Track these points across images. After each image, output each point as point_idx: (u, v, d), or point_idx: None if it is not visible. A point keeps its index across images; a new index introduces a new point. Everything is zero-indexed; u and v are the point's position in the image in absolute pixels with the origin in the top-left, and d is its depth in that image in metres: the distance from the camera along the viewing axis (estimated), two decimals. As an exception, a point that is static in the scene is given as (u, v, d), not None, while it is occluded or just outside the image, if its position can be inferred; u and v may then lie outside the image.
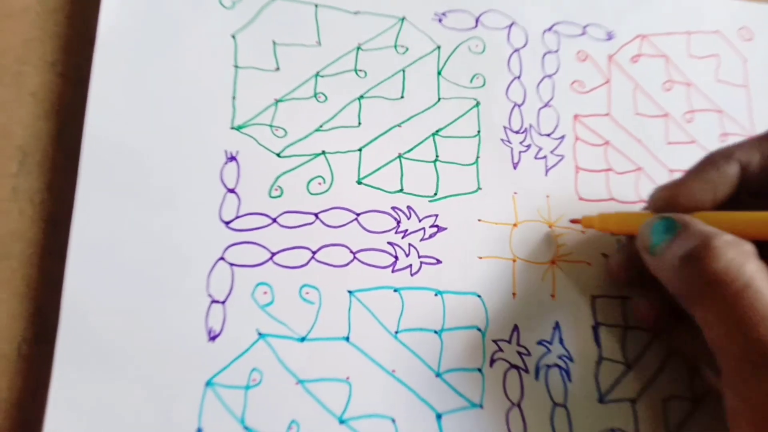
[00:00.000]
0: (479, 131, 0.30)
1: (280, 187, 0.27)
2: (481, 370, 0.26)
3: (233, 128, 0.27)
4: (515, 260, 0.28)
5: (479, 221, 0.28)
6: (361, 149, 0.28)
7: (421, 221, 0.28)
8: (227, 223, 0.26)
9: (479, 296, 0.27)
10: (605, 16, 0.33)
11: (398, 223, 0.28)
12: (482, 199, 0.29)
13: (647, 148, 0.32)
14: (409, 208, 0.28)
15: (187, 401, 0.24)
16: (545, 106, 0.31)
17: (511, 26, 0.32)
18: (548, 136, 0.31)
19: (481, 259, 0.28)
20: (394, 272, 0.27)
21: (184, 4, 0.28)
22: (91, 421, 0.23)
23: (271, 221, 0.26)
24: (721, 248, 0.21)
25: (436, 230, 0.28)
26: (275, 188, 0.27)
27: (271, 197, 0.27)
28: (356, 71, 0.29)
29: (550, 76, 0.31)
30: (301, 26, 0.29)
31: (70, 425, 0.23)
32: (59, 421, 0.23)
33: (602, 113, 0.32)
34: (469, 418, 0.26)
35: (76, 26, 0.28)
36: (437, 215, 0.28)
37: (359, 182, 0.28)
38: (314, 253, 0.26)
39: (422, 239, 0.28)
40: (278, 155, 0.27)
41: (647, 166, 0.31)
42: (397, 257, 0.27)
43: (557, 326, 0.28)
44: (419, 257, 0.27)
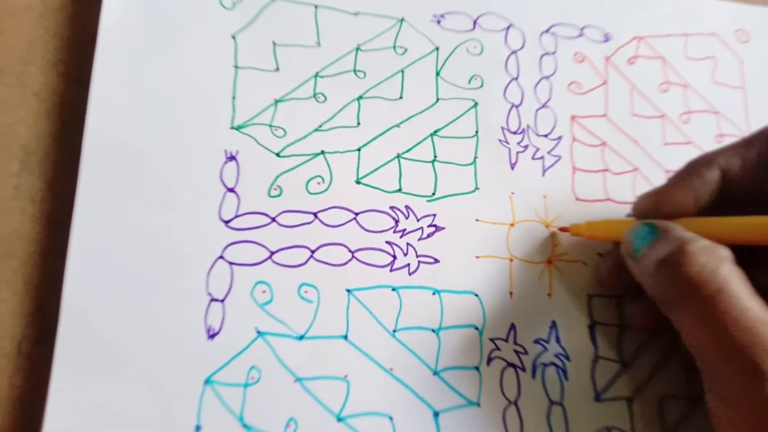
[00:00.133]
0: (477, 132, 0.30)
1: (279, 186, 0.27)
2: (478, 368, 0.27)
3: (233, 128, 0.27)
4: (512, 260, 0.29)
5: (477, 221, 0.29)
6: (360, 149, 0.28)
7: (419, 221, 0.28)
8: (227, 222, 0.26)
9: (476, 295, 0.28)
10: (602, 18, 0.33)
11: (396, 222, 0.28)
12: (480, 199, 0.29)
13: (644, 149, 0.32)
14: (407, 207, 0.28)
15: (186, 399, 0.24)
16: (543, 107, 0.31)
17: (508, 28, 0.32)
18: (545, 136, 0.31)
19: (478, 258, 0.28)
20: (392, 271, 0.27)
21: (184, 4, 0.28)
22: (90, 418, 0.23)
23: (270, 220, 0.27)
24: (695, 253, 0.21)
25: (434, 230, 0.28)
26: (274, 188, 0.27)
27: (270, 197, 0.27)
28: (355, 72, 0.29)
29: (547, 77, 0.32)
30: (300, 27, 0.29)
31: (69, 423, 0.23)
32: (59, 418, 0.23)
33: (599, 114, 0.32)
34: (466, 416, 0.26)
35: (77, 26, 0.28)
36: (435, 215, 0.28)
37: (358, 182, 0.28)
38: (313, 252, 0.27)
39: (420, 239, 0.28)
40: (278, 155, 0.27)
41: (644, 166, 0.31)
42: (395, 256, 0.27)
43: (554, 325, 0.28)
44: (417, 257, 0.28)
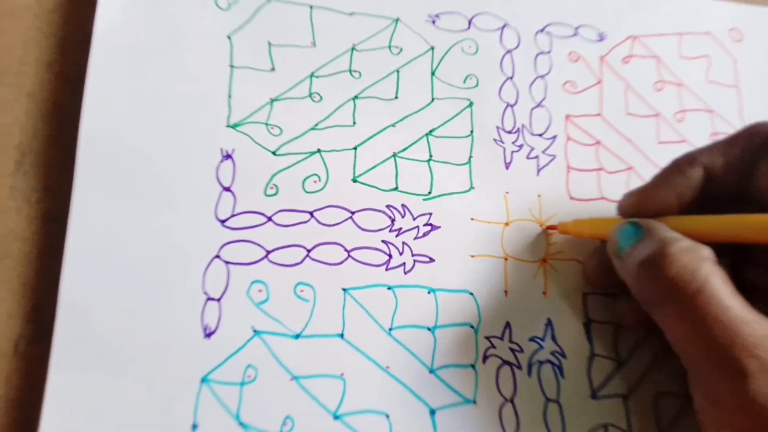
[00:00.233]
0: (472, 131, 0.30)
1: (275, 185, 0.27)
2: (474, 366, 0.27)
3: (229, 126, 0.27)
4: (507, 258, 0.29)
5: (472, 220, 0.29)
6: (356, 148, 0.28)
7: (415, 219, 0.28)
8: (223, 221, 0.26)
9: (472, 294, 0.28)
10: (597, 17, 0.33)
11: (393, 221, 0.28)
12: (475, 198, 0.29)
13: (638, 147, 0.32)
14: (403, 206, 0.28)
15: (182, 397, 0.24)
16: (537, 106, 0.31)
17: (503, 28, 0.32)
18: (540, 136, 0.31)
19: (473, 257, 0.28)
20: (388, 270, 0.27)
21: (180, 5, 0.28)
22: (87, 417, 0.23)
23: (266, 219, 0.27)
24: (675, 254, 0.22)
25: (429, 229, 0.28)
26: (270, 186, 0.27)
27: (266, 195, 0.27)
28: (351, 72, 0.30)
29: (542, 76, 0.32)
30: (296, 27, 0.29)
31: (66, 422, 0.23)
32: (56, 418, 0.23)
33: (594, 113, 0.32)
34: (462, 413, 0.26)
35: (73, 26, 0.28)
36: (431, 214, 0.28)
37: (355, 180, 0.28)
38: (309, 251, 0.27)
39: (416, 237, 0.28)
40: (274, 153, 0.28)
41: (638, 165, 0.32)
42: (390, 255, 0.27)
43: (549, 323, 0.28)
44: (413, 255, 0.28)
